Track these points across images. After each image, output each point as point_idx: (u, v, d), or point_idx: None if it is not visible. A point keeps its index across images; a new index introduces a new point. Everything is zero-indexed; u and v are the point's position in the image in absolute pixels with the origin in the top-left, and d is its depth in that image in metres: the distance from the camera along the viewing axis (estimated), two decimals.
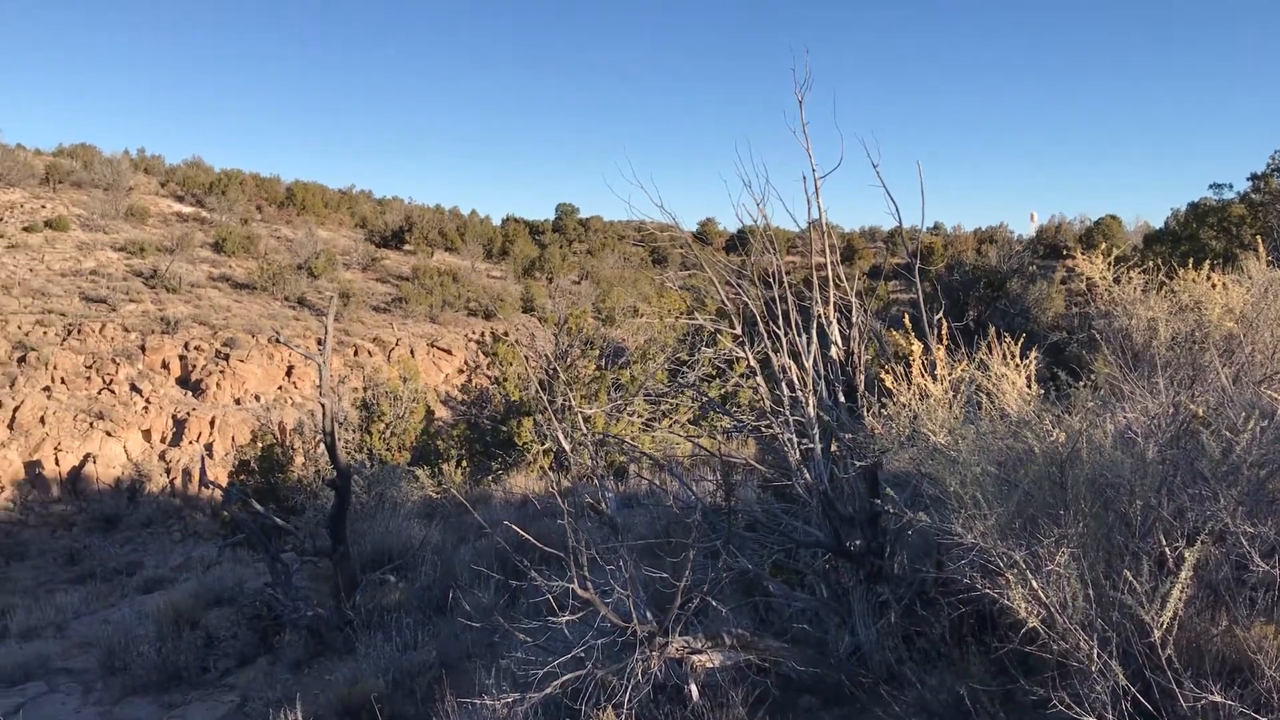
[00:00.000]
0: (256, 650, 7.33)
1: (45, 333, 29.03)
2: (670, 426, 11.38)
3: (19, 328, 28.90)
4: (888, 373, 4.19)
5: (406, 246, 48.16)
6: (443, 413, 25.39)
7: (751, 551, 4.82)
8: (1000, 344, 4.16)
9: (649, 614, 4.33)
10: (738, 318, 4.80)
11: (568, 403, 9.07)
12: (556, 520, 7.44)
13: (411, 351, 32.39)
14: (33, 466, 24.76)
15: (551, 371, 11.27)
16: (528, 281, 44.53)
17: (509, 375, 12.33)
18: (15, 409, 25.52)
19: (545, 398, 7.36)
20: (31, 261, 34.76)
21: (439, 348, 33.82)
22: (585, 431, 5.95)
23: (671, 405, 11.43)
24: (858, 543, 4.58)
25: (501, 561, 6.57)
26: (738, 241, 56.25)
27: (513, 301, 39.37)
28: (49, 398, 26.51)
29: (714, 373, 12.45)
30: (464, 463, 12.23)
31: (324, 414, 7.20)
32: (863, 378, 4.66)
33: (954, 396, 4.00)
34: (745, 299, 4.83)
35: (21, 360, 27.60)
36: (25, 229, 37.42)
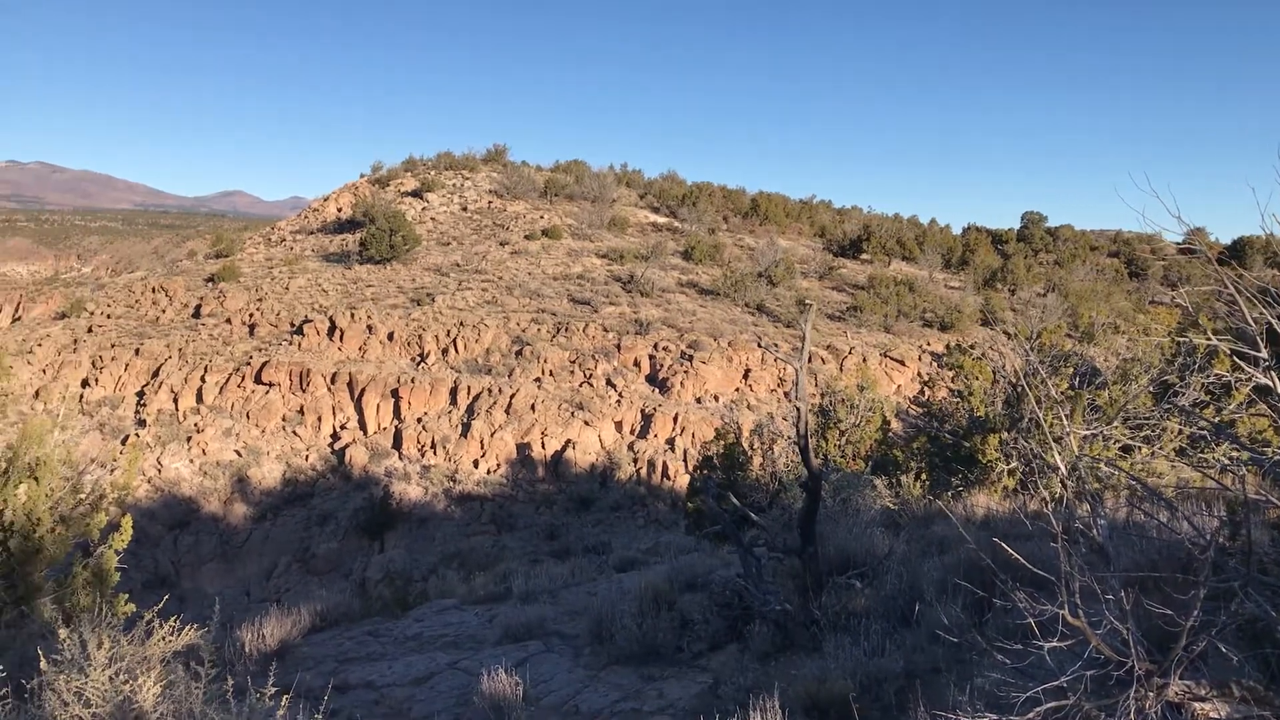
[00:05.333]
0: (726, 637, 7.71)
1: (539, 329, 32.69)
2: (1152, 453, 10.51)
3: (518, 324, 32.80)
4: None
5: (863, 255, 48.42)
6: (895, 424, 25.25)
7: (1265, 597, 4.36)
8: None
9: (1144, 651, 4.07)
10: (1262, 339, 4.36)
11: (1050, 421, 8.66)
12: (1025, 543, 7.16)
13: (864, 360, 32.47)
14: (523, 448, 27.90)
15: (1021, 389, 10.83)
16: (988, 292, 42.94)
17: (974, 389, 12.01)
18: (512, 396, 28.95)
19: (1037, 412, 7.10)
20: (529, 265, 39.25)
21: (891, 358, 33.61)
22: (1078, 454, 5.68)
23: (1156, 431, 10.56)
24: None
25: (969, 578, 6.44)
26: (1234, 252, 50.60)
27: (970, 313, 38.14)
28: (539, 387, 29.73)
29: (1206, 398, 11.32)
30: (923, 475, 12.07)
31: (799, 418, 7.46)
32: None
33: None
34: (1269, 318, 4.38)
35: (519, 353, 31.31)
36: (526, 237, 42.43)
